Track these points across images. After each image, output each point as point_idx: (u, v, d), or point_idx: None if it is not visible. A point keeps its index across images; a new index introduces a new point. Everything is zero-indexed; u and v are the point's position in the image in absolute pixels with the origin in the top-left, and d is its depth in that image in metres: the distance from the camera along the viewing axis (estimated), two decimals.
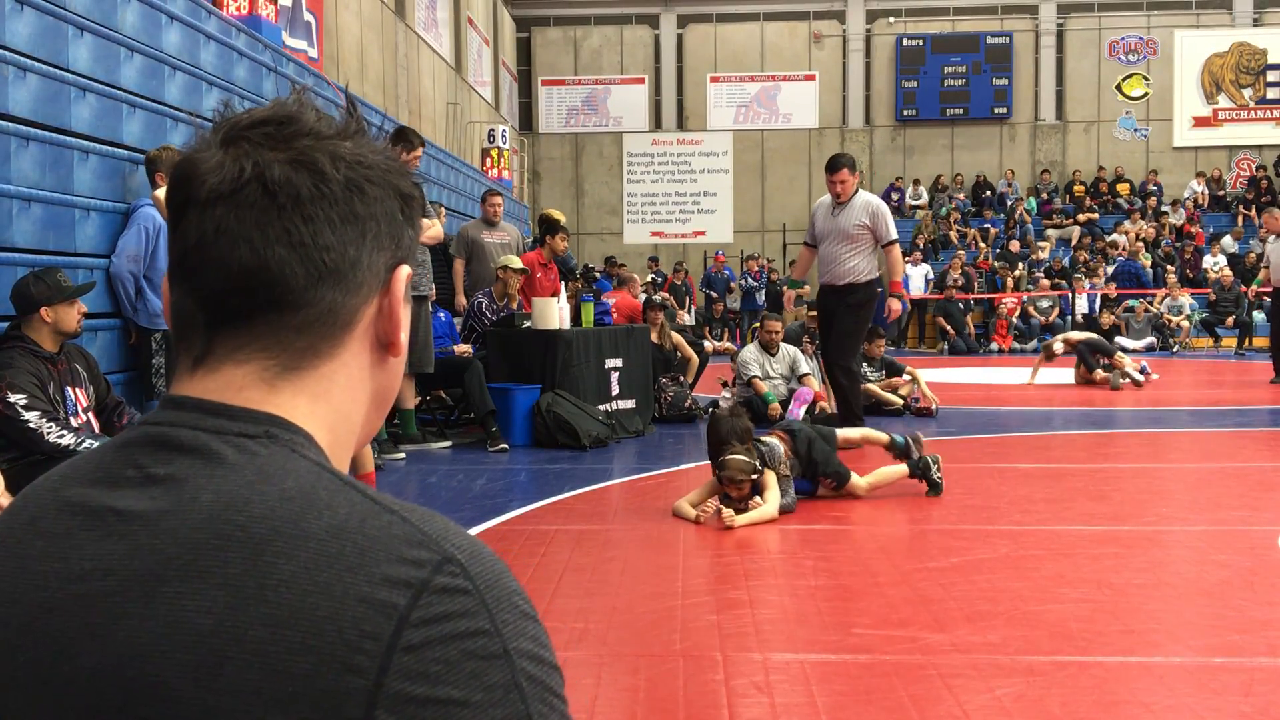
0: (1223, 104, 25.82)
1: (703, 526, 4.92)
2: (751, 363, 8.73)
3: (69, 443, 3.90)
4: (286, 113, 0.81)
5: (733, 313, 21.37)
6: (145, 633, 0.70)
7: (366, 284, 0.81)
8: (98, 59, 5.96)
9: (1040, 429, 8.55)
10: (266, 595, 0.69)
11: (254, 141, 0.79)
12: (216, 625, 0.69)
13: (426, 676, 0.68)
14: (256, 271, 0.77)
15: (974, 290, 20.66)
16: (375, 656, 0.68)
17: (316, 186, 0.79)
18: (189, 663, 0.69)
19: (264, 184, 0.77)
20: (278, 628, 0.69)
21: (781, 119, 26.33)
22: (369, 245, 0.81)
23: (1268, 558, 4.27)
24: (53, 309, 4.10)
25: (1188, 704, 2.75)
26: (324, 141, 0.80)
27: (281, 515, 0.72)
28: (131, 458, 0.78)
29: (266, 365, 0.79)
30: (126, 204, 5.91)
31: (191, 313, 0.80)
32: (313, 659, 0.68)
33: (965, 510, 5.24)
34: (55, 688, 0.72)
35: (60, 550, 0.75)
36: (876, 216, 7.49)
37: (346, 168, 0.80)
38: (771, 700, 2.80)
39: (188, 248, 0.79)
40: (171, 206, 0.81)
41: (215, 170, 0.78)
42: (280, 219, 0.77)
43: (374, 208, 0.82)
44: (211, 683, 0.68)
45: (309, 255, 0.78)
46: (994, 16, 26.12)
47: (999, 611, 3.54)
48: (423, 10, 18.21)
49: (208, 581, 0.70)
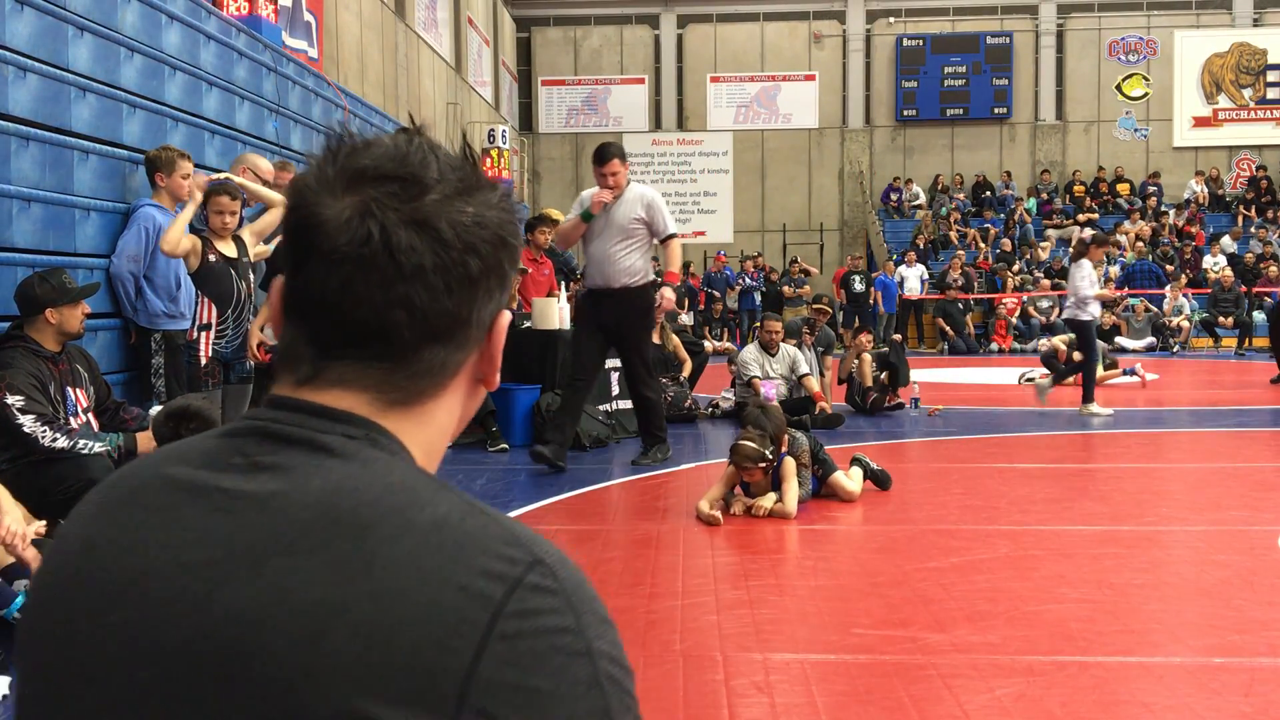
0: (1223, 104, 25.82)
1: (703, 526, 4.92)
2: (751, 363, 8.73)
3: (64, 445, 3.90)
4: (411, 170, 0.84)
5: (732, 313, 21.38)
6: (249, 600, 0.74)
7: (474, 338, 0.88)
8: (98, 59, 5.96)
9: (1040, 429, 8.55)
10: (373, 573, 0.74)
11: (380, 200, 0.82)
12: (322, 597, 0.73)
13: (517, 665, 0.72)
14: (374, 331, 0.82)
15: (974, 290, 20.66)
16: (472, 641, 0.72)
17: (438, 255, 0.82)
18: (291, 630, 0.73)
19: (390, 251, 0.81)
20: (381, 605, 0.73)
21: (781, 119, 26.33)
22: (480, 302, 0.86)
23: (1268, 558, 4.27)
24: (58, 310, 4.09)
25: (1188, 704, 2.75)
26: (447, 203, 0.83)
27: (388, 504, 0.77)
28: (238, 447, 0.82)
29: (374, 399, 0.84)
30: (126, 204, 5.91)
31: (302, 345, 0.85)
32: (413, 637, 0.72)
33: (965, 510, 5.24)
34: (144, 649, 0.75)
35: (162, 521, 0.79)
36: (653, 208, 6.64)
37: (466, 232, 0.84)
38: (771, 700, 2.80)
39: (309, 296, 0.83)
40: (292, 250, 0.84)
41: (343, 229, 0.81)
42: (402, 286, 0.81)
43: (486, 265, 0.85)
44: (313, 650, 0.72)
45: (426, 321, 0.83)
46: (994, 16, 26.12)
47: (999, 611, 3.54)
48: (423, 10, 18.21)
49: (315, 557, 0.75)
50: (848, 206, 26.37)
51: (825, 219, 26.26)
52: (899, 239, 23.77)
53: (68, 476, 3.87)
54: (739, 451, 5.08)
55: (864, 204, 25.81)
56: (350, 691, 0.71)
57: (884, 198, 25.71)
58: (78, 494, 4.02)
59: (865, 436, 8.05)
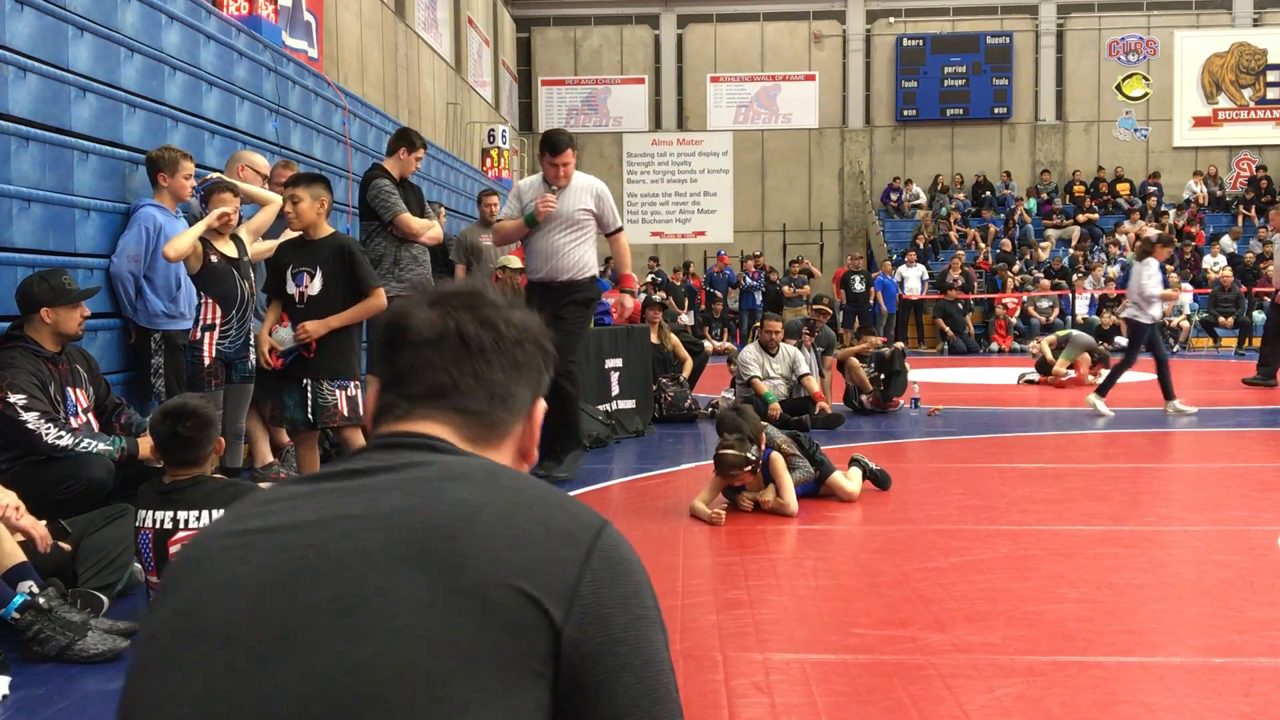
0: (1223, 104, 25.82)
1: (703, 526, 4.93)
2: (751, 363, 8.73)
3: (67, 443, 3.89)
4: (476, 289, 1.27)
5: (733, 313, 21.38)
6: (417, 496, 1.10)
7: (519, 409, 1.26)
8: (98, 59, 5.96)
9: (1040, 429, 8.55)
10: (504, 490, 1.13)
11: (454, 305, 1.23)
12: (472, 494, 1.11)
13: (607, 578, 1.09)
14: (450, 390, 1.22)
15: (974, 290, 20.65)
16: (581, 550, 1.09)
17: (495, 342, 1.23)
18: (452, 512, 1.08)
19: (462, 337, 1.22)
20: (514, 505, 1.11)
21: (781, 119, 26.33)
22: (522, 383, 1.26)
23: (1268, 558, 4.27)
24: (54, 311, 4.08)
25: (1188, 704, 2.75)
26: (501, 310, 1.25)
27: (499, 469, 1.17)
28: (363, 457, 1.18)
29: (454, 433, 1.21)
30: (126, 204, 5.91)
31: (398, 400, 1.23)
32: (540, 533, 1.09)
33: (965, 510, 5.24)
34: (351, 546, 1.06)
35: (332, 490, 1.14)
36: (602, 200, 6.32)
37: (515, 330, 1.25)
38: (771, 700, 2.80)
39: (401, 370, 1.23)
40: (387, 343, 1.25)
41: (427, 324, 1.22)
42: (470, 361, 1.22)
43: (529, 359, 1.27)
44: (468, 531, 1.07)
45: (486, 386, 1.23)
46: (994, 16, 26.11)
47: (999, 611, 3.54)
48: (423, 10, 18.21)
49: (458, 482, 1.12)
50: (848, 206, 26.37)
51: (825, 219, 26.25)
52: (899, 239, 23.76)
53: (68, 475, 3.87)
54: (723, 462, 5.07)
55: (864, 204, 25.81)
56: (506, 572, 1.04)
57: (884, 198, 25.71)
58: (78, 493, 4.02)
59: (865, 436, 8.06)
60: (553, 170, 6.22)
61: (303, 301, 5.00)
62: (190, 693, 1.04)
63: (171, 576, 1.14)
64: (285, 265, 5.09)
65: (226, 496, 3.46)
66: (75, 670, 3.10)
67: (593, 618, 1.06)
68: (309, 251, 5.05)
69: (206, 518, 3.41)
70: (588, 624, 1.06)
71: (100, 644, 3.19)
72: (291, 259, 5.09)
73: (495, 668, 1.02)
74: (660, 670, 1.11)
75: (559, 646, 1.04)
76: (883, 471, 5.75)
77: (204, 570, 1.10)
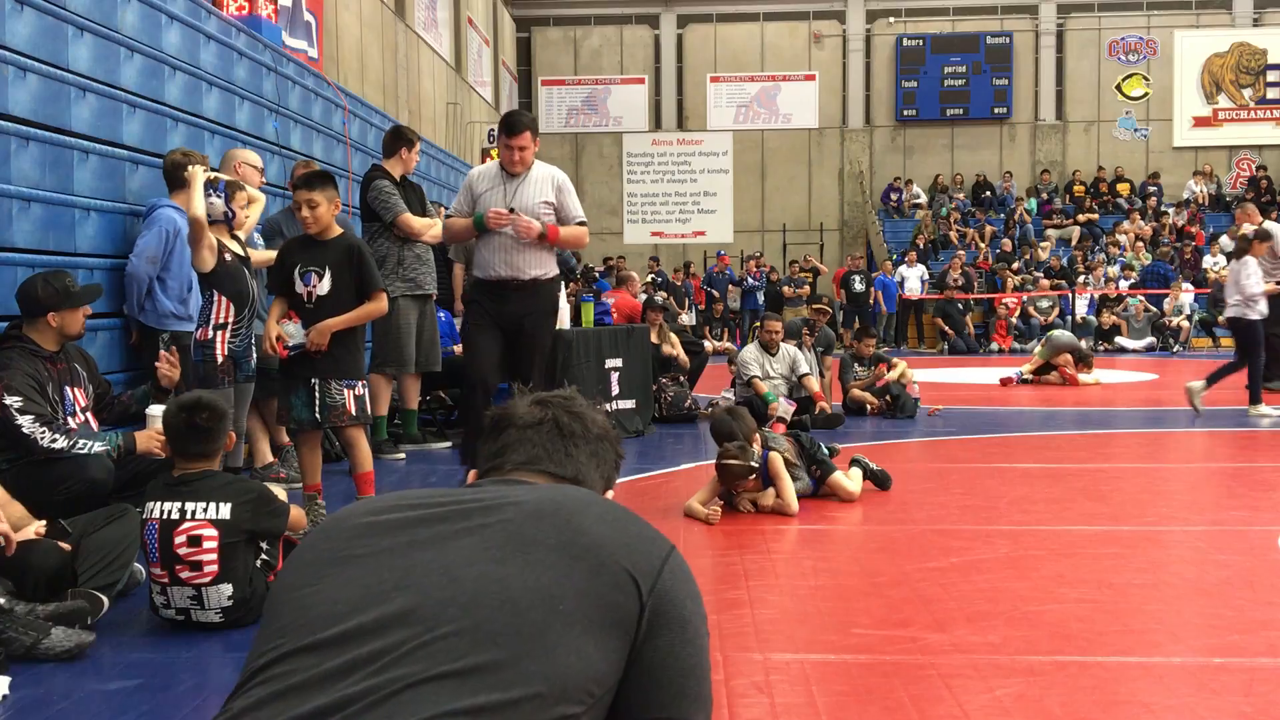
0: (1223, 104, 25.82)
1: (702, 526, 4.93)
2: (751, 363, 8.73)
3: (63, 446, 3.89)
4: (570, 394, 1.68)
5: (733, 313, 21.37)
6: (537, 493, 1.47)
7: (594, 489, 1.61)
8: (98, 59, 5.96)
9: (1040, 429, 8.55)
10: (603, 501, 1.49)
11: (553, 403, 1.65)
12: (584, 495, 1.48)
13: (676, 586, 1.40)
14: (544, 459, 1.60)
15: (974, 290, 20.65)
16: (660, 557, 1.41)
17: (583, 432, 1.64)
18: (571, 502, 1.44)
19: (556, 424, 1.63)
20: (617, 511, 1.46)
21: (781, 119, 26.33)
22: (597, 470, 1.65)
23: (1268, 558, 4.27)
24: (60, 314, 4.08)
25: (1188, 704, 2.75)
26: (590, 410, 1.66)
27: (593, 493, 1.54)
28: (474, 485, 1.55)
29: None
30: (126, 204, 5.91)
31: (500, 465, 1.61)
32: (633, 533, 1.42)
33: (965, 510, 5.24)
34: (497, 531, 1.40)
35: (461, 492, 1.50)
36: (563, 191, 5.73)
37: (598, 427, 1.66)
38: (771, 700, 2.80)
39: (504, 445, 1.62)
40: (494, 428, 1.64)
41: (529, 414, 1.63)
42: (561, 442, 1.62)
43: (604, 453, 1.67)
44: (585, 512, 1.42)
45: (571, 463, 1.61)
46: (994, 16, 26.12)
47: (999, 611, 3.54)
48: (423, 10, 18.20)
49: (570, 491, 1.50)
50: (848, 206, 26.37)
51: (825, 219, 26.26)
52: (899, 239, 23.76)
53: (68, 476, 3.86)
54: (728, 473, 5.07)
55: (864, 204, 25.81)
56: (612, 548, 1.37)
57: (884, 198, 25.71)
58: (78, 494, 4.01)
59: (865, 436, 8.06)
60: (508, 154, 5.59)
61: (311, 301, 4.96)
62: (346, 593, 1.33)
63: (320, 531, 1.46)
64: (293, 264, 5.05)
65: (235, 491, 3.46)
66: (76, 670, 3.10)
67: (670, 599, 1.38)
68: (318, 251, 5.00)
69: (214, 510, 3.39)
70: (665, 603, 1.37)
71: (66, 640, 3.17)
72: (299, 258, 5.05)
73: (598, 609, 1.32)
74: (705, 655, 1.43)
75: (642, 613, 1.35)
76: (883, 472, 5.75)
77: (354, 526, 1.43)
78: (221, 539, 3.39)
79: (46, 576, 3.41)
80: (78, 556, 3.54)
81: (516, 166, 5.61)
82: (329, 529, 1.45)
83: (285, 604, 1.37)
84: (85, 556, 3.55)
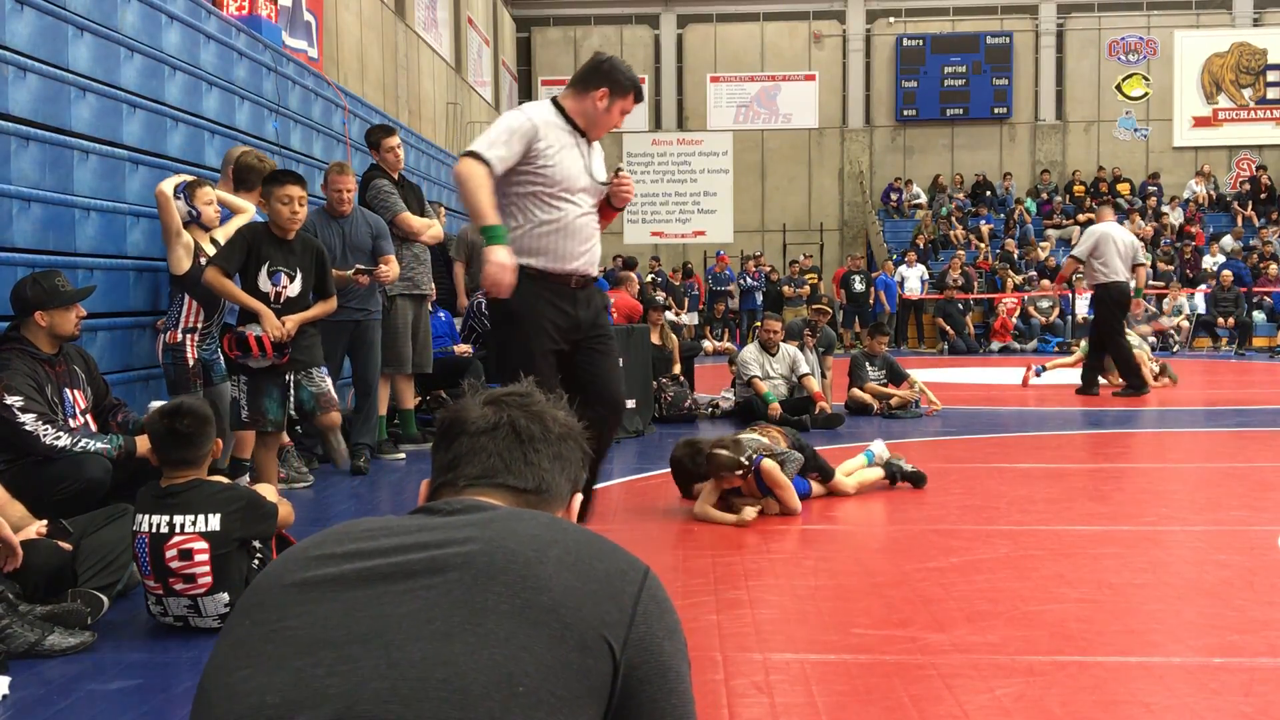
0: (1223, 104, 25.81)
1: (703, 526, 4.92)
2: (751, 363, 8.73)
3: (65, 444, 3.89)
4: (526, 390, 1.45)
5: (733, 313, 21.36)
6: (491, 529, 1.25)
7: (558, 500, 1.43)
8: (98, 59, 5.96)
9: (1040, 429, 8.55)
10: (566, 529, 1.29)
11: (508, 403, 1.42)
12: (541, 530, 1.26)
13: (655, 614, 1.25)
14: (501, 471, 1.39)
15: (974, 290, 20.65)
16: (633, 590, 1.25)
17: (543, 434, 1.41)
18: (528, 543, 1.23)
19: (513, 426, 1.40)
20: (577, 546, 1.26)
21: (781, 119, 26.33)
22: (562, 473, 1.43)
23: (1268, 558, 4.27)
24: (48, 313, 4.07)
25: (1188, 704, 2.75)
26: (550, 408, 1.44)
27: (555, 517, 1.34)
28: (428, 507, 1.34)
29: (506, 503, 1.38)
30: (126, 204, 5.91)
31: (456, 479, 1.39)
32: (601, 570, 1.25)
33: (965, 510, 5.24)
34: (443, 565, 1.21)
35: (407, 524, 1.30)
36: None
37: (560, 425, 1.43)
38: (771, 700, 2.80)
39: (457, 455, 1.40)
40: (445, 434, 1.43)
41: (482, 417, 1.41)
42: (520, 448, 1.40)
43: (569, 453, 1.44)
44: (544, 557, 1.22)
45: (532, 472, 1.40)
46: (994, 16, 26.11)
47: (999, 611, 3.54)
48: (423, 10, 18.20)
49: (527, 521, 1.28)
50: (848, 206, 26.37)
51: (825, 219, 26.25)
52: (899, 239, 23.76)
53: (65, 475, 3.86)
54: (715, 462, 4.96)
55: (864, 204, 25.80)
56: (577, 600, 1.19)
57: (884, 198, 25.70)
58: (77, 494, 4.00)
59: (865, 436, 8.05)
60: (608, 117, 4.20)
61: (279, 301, 5.16)
62: (277, 680, 1.15)
63: (254, 589, 1.27)
64: (262, 260, 5.12)
65: (223, 500, 3.40)
66: (76, 670, 3.10)
67: (646, 647, 1.22)
68: (288, 252, 5.18)
69: (204, 522, 3.33)
70: (642, 653, 1.22)
71: (71, 637, 3.18)
72: (271, 256, 5.13)
73: (565, 678, 1.15)
74: (690, 697, 1.29)
75: (616, 670, 1.19)
76: (918, 471, 5.75)
77: (287, 587, 1.24)
78: (213, 551, 3.33)
79: (46, 576, 3.40)
80: (78, 556, 3.53)
81: (602, 131, 4.23)
82: (262, 593, 1.26)
83: (216, 691, 1.20)
84: (85, 556, 3.55)
